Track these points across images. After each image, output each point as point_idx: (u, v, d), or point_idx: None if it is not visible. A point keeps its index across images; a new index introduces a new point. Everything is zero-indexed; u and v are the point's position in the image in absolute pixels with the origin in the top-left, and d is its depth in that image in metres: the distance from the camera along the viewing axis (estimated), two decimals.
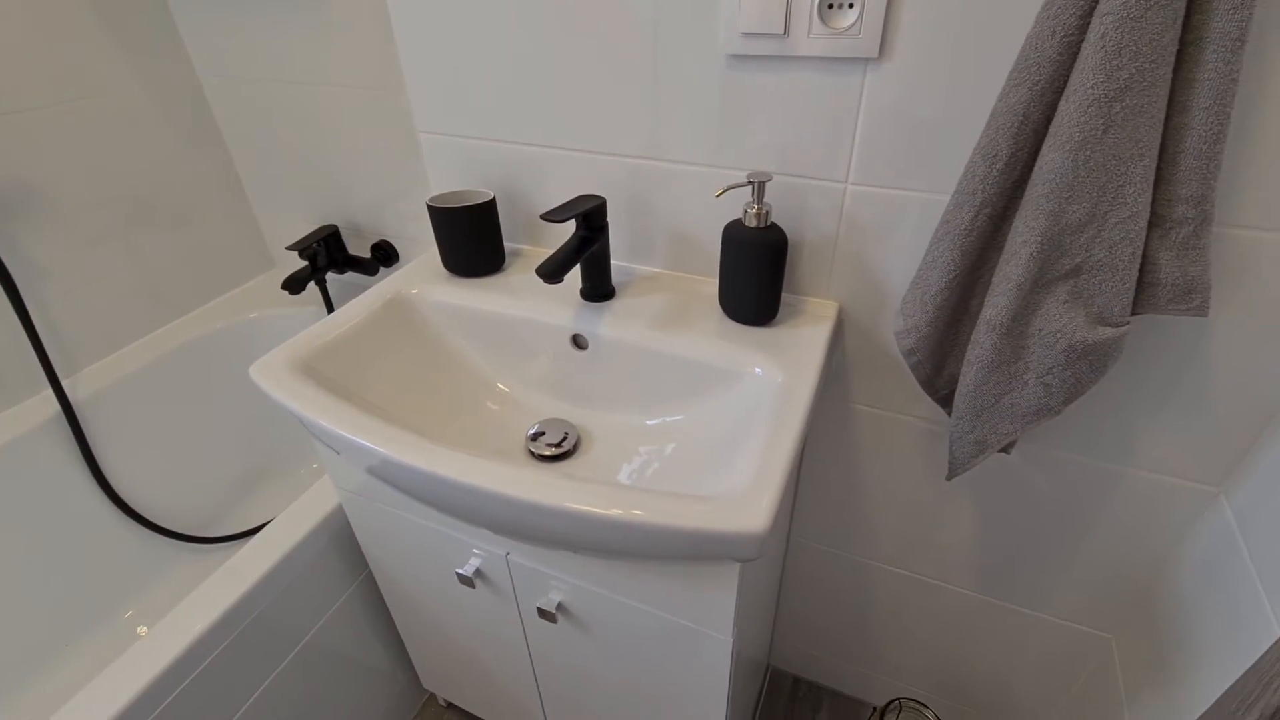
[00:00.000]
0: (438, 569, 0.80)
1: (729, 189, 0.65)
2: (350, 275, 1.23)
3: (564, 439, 0.73)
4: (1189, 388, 0.65)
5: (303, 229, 1.24)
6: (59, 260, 1.02)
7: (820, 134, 0.65)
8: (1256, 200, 0.55)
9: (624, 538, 0.53)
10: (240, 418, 1.25)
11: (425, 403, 0.75)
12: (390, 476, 0.62)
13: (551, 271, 0.66)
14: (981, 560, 0.88)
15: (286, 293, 1.11)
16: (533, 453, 0.72)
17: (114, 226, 1.08)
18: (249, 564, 0.78)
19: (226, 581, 0.76)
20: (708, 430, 0.68)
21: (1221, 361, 0.62)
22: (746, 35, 0.62)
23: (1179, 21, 0.46)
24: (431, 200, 0.79)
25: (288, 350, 0.70)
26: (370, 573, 0.96)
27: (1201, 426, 0.66)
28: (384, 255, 1.19)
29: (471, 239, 0.80)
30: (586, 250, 0.71)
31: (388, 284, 0.82)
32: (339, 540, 0.88)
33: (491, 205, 0.79)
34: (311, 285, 1.27)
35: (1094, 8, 0.47)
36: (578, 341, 0.76)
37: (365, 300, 0.79)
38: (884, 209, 0.67)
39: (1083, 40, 0.48)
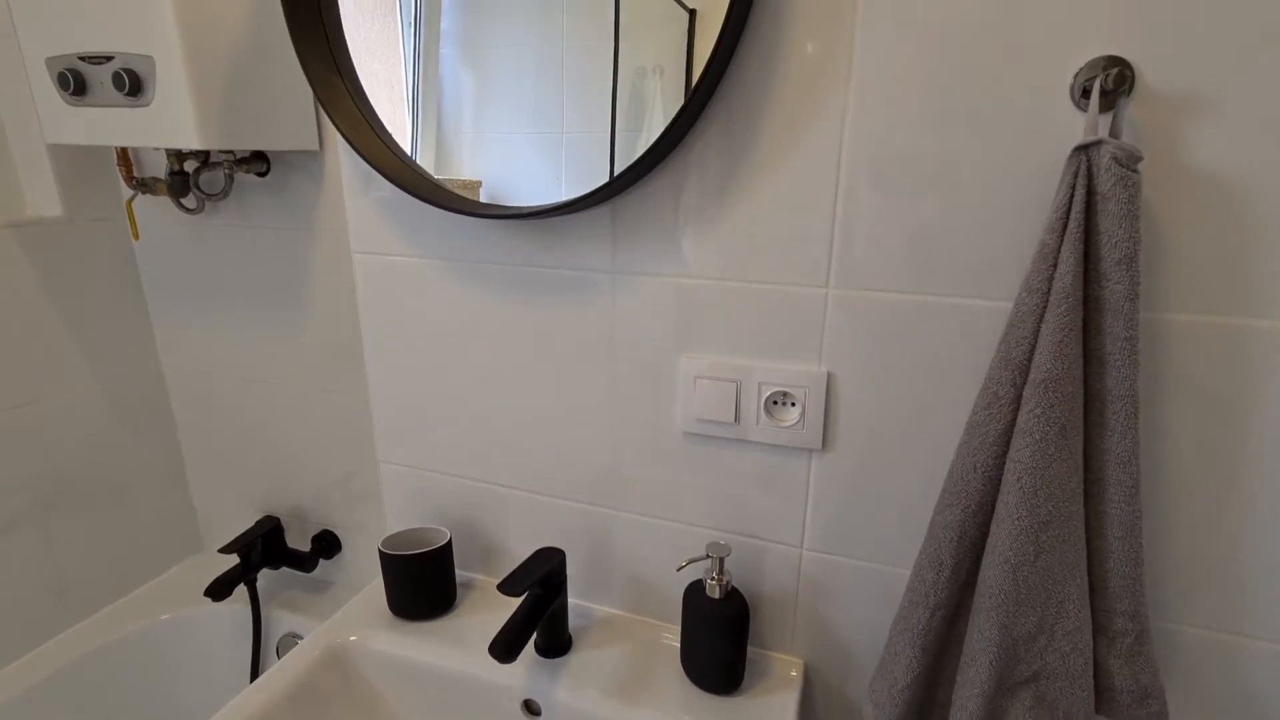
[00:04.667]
0: None
1: (690, 563, 0.66)
2: (284, 569, 1.15)
3: None
4: None
5: (241, 512, 1.19)
6: None
7: (774, 504, 0.68)
8: (1186, 600, 0.58)
9: None
10: None
11: None
12: None
13: (505, 650, 0.63)
14: None
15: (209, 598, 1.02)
16: None
17: (30, 512, 1.00)
18: None
19: None
20: None
21: None
22: (701, 420, 0.68)
23: (1080, 468, 0.53)
24: (384, 545, 0.77)
25: None
26: None
27: None
28: (325, 547, 1.13)
29: (422, 583, 0.77)
30: (543, 613, 0.68)
31: (324, 632, 0.76)
32: None
33: (446, 548, 0.78)
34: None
35: (1006, 451, 0.53)
36: (530, 707, 0.70)
37: (295, 659, 0.72)
38: (842, 575, 0.68)
39: (1001, 474, 0.54)
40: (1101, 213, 0.49)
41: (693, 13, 0.61)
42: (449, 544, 0.78)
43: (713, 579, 0.66)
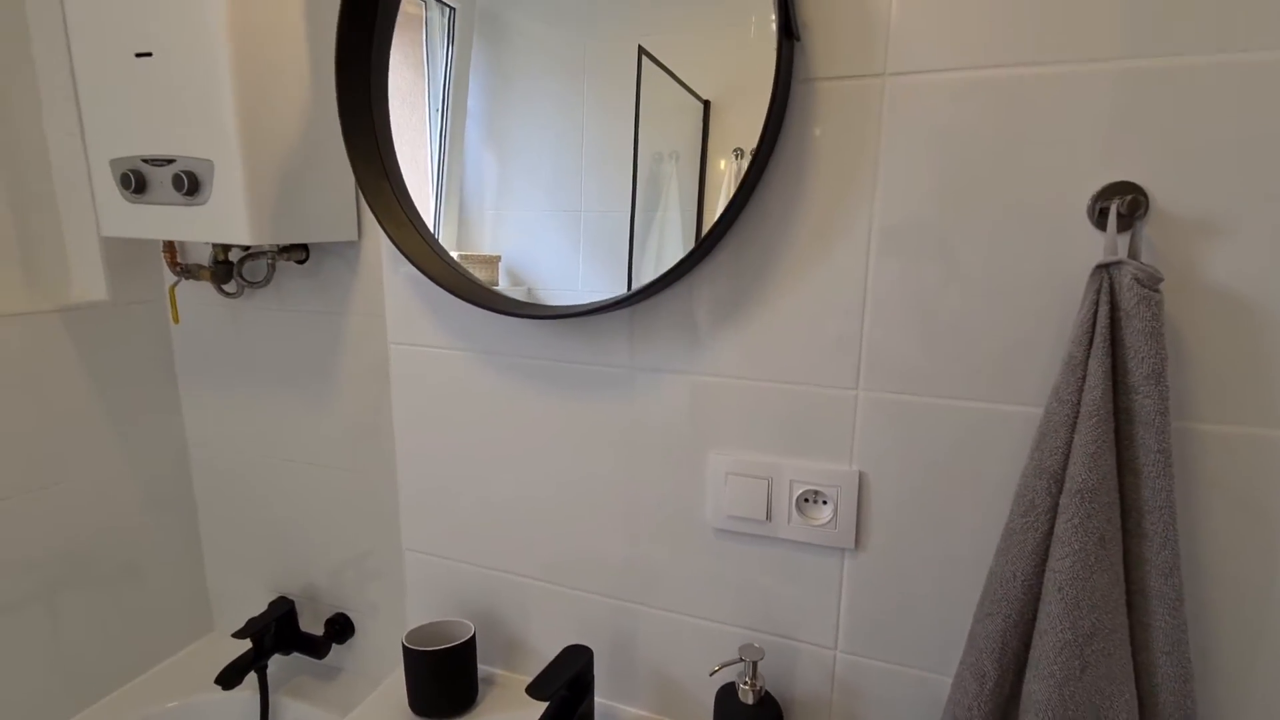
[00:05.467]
0: None
1: (724, 666, 0.65)
2: (295, 655, 1.13)
3: None
4: None
5: (254, 591, 1.17)
6: None
7: (806, 604, 0.68)
8: (1239, 716, 0.57)
9: None
10: None
11: None
12: None
13: None
14: None
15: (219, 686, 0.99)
16: None
17: (41, 591, 0.99)
18: None
19: None
20: None
21: None
22: (732, 516, 0.68)
23: (1121, 579, 0.52)
24: (408, 639, 0.76)
25: None
26: None
27: None
28: (338, 631, 1.11)
29: (444, 680, 0.75)
30: (570, 717, 0.66)
31: None
32: None
33: (470, 644, 0.76)
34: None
35: (1045, 561, 0.53)
36: None
37: None
38: (878, 680, 0.67)
39: (1042, 584, 0.54)
40: (1126, 328, 0.51)
41: (707, 103, 0.65)
42: (473, 639, 0.77)
43: (745, 683, 0.65)
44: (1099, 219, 0.54)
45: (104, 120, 0.85)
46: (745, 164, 0.63)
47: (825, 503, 0.65)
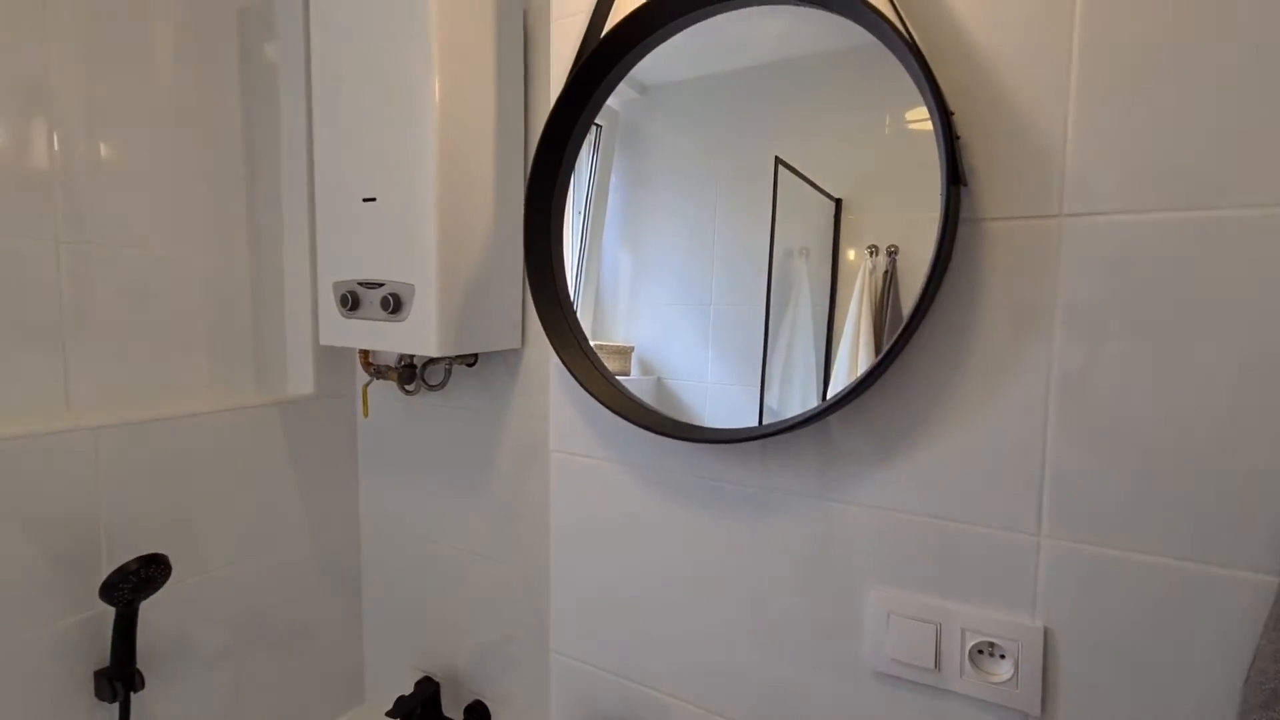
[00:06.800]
0: None
1: None
2: None
3: None
4: None
5: (402, 667, 1.25)
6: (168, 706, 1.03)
7: None
8: None
9: None
10: None
11: None
12: None
13: None
14: None
15: None
16: None
17: (231, 649, 1.11)
18: None
19: None
20: None
21: None
22: (895, 660, 0.64)
23: None
24: None
25: None
26: None
27: None
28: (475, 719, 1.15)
29: None
30: None
31: None
32: None
33: None
34: None
35: None
36: None
37: None
38: None
39: None
40: None
41: (838, 201, 0.66)
42: None
43: None
44: None
45: (333, 251, 1.03)
46: (880, 260, 0.64)
47: (1004, 657, 0.60)
